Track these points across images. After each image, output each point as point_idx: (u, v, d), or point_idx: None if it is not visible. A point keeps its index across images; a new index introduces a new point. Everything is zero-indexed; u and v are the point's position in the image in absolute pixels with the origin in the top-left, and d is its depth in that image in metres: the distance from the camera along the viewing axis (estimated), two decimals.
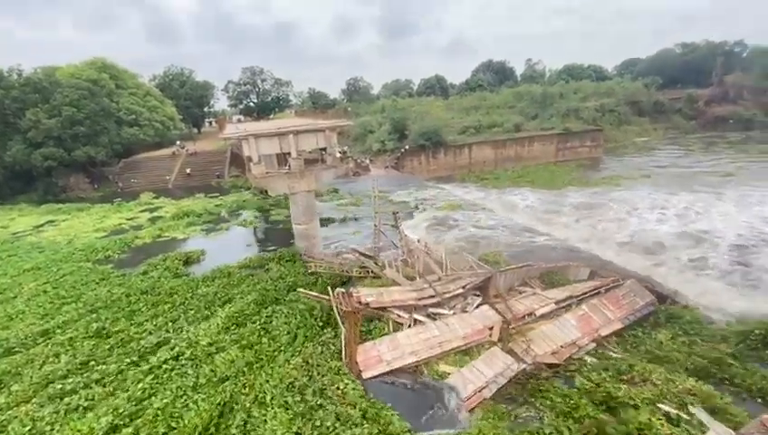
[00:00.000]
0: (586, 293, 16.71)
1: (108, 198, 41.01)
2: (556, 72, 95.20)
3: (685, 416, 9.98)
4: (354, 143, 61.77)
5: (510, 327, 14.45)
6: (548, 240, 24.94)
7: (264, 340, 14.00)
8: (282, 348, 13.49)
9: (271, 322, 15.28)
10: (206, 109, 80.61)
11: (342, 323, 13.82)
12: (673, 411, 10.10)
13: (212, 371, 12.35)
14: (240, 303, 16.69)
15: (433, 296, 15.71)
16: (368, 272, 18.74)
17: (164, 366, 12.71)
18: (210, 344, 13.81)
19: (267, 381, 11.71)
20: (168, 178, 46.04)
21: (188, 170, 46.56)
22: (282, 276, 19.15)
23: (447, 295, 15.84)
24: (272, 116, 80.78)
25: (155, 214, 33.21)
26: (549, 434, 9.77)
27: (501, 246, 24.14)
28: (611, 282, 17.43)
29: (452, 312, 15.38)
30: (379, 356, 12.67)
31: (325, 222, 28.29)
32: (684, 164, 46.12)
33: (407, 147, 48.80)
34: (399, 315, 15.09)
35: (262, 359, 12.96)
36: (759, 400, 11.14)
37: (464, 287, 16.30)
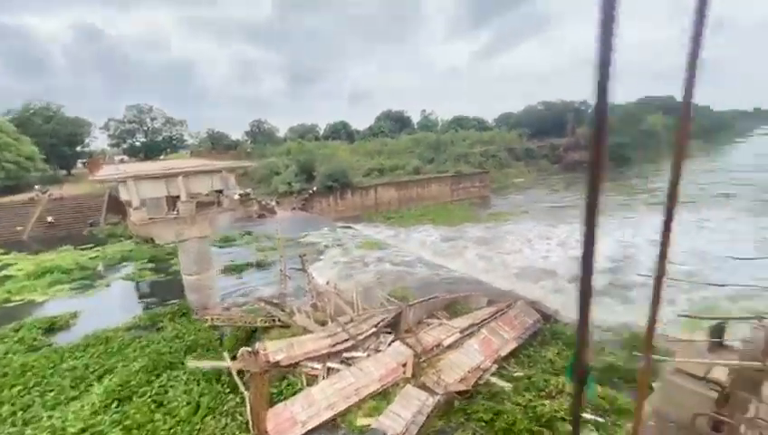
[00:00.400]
0: (486, 319, 17.79)
1: None
2: (447, 121, 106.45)
3: (602, 420, 11.04)
4: (259, 185, 59.54)
5: (421, 360, 14.62)
6: (451, 273, 26.43)
7: (158, 416, 11.72)
8: (179, 425, 11.42)
9: (166, 392, 12.99)
10: (79, 148, 70.50)
11: (247, 388, 12.33)
12: (595, 418, 11.08)
13: None
14: (123, 373, 13.99)
15: (347, 340, 15.25)
16: (274, 321, 17.40)
17: None
18: (83, 431, 11.15)
19: None
20: (19, 228, 38.11)
21: (50, 219, 39.29)
22: (178, 335, 16.77)
23: (361, 336, 15.54)
24: (162, 157, 74.09)
25: (2, 273, 26.93)
26: None
27: (409, 281, 24.87)
28: (506, 307, 18.97)
29: (366, 353, 15.00)
30: (292, 418, 11.52)
31: (235, 269, 26.19)
32: (554, 200, 54.18)
33: (314, 188, 48.66)
34: (313, 368, 14.19)
35: None
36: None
37: (376, 326, 16.22)
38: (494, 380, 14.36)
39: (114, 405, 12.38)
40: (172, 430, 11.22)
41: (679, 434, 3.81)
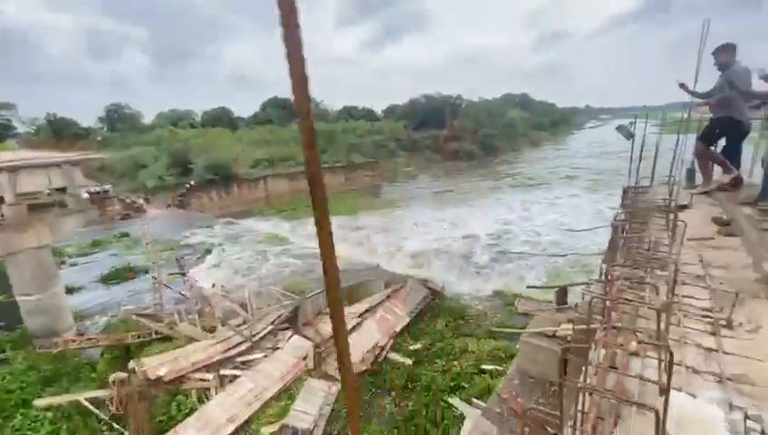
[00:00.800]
0: (382, 300, 18.69)
1: None
2: (337, 111, 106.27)
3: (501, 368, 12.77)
4: (120, 180, 51.00)
5: (321, 350, 14.65)
6: (351, 262, 26.67)
7: None
8: None
9: None
10: None
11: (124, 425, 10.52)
12: (495, 367, 13.07)
13: None
14: None
15: (241, 343, 14.39)
16: (150, 335, 15.41)
17: None
18: None
19: None
20: None
21: None
22: (32, 366, 13.72)
23: (257, 337, 14.85)
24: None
25: None
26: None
27: (306, 274, 24.34)
28: (399, 287, 20.07)
29: (263, 354, 14.28)
30: None
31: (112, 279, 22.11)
32: (438, 186, 58.74)
33: (192, 182, 43.67)
34: (202, 379, 12.87)
35: None
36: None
37: (272, 323, 15.75)
38: (394, 356, 15.30)
39: None
40: None
41: (537, 388, 4.43)
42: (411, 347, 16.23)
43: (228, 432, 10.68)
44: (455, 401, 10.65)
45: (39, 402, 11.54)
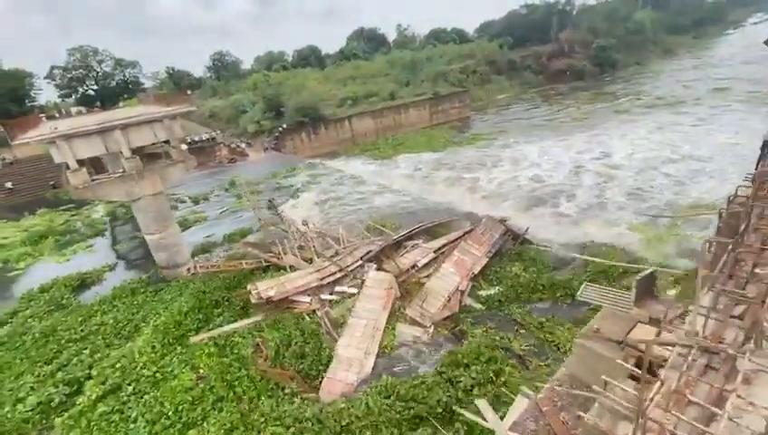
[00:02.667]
0: (459, 237, 18.58)
1: None
2: (425, 37, 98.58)
3: None
4: (227, 126, 56.27)
5: (400, 280, 15.79)
6: (437, 204, 26.08)
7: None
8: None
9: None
10: (28, 103, 64.74)
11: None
12: None
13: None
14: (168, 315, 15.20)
15: (334, 273, 16.05)
16: (261, 263, 18.11)
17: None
18: (156, 373, 12.65)
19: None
20: None
21: (9, 184, 37.26)
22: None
23: (350, 268, 16.42)
24: (121, 104, 68.76)
25: None
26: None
27: (390, 212, 24.77)
28: (474, 226, 19.16)
29: (352, 284, 15.90)
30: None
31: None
32: (537, 115, 52.15)
33: (284, 126, 45.99)
34: (303, 301, 15.18)
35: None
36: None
37: (362, 258, 17.02)
38: (470, 301, 15.21)
39: (169, 345, 13.64)
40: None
41: (591, 403, 3.50)
42: (484, 293, 15.64)
43: (371, 363, 12.28)
44: (480, 402, 9.08)
45: (194, 339, 14.03)
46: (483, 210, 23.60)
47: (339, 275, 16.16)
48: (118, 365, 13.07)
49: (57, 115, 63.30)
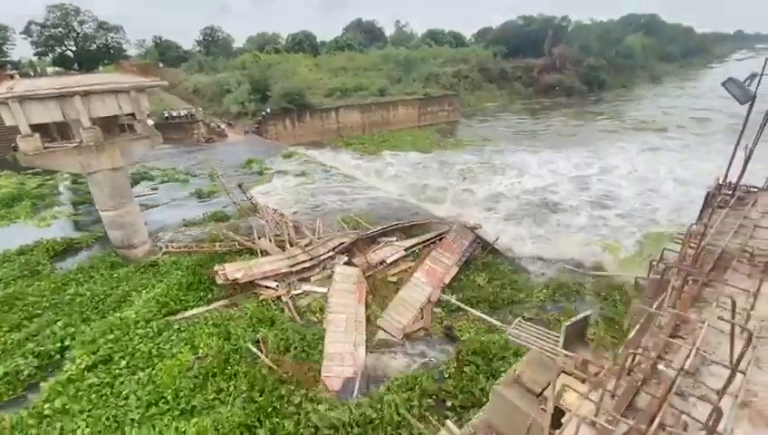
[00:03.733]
0: (430, 239, 18.78)
1: None
2: (421, 36, 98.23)
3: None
4: (210, 104, 54.49)
5: (367, 275, 16.06)
6: (409, 203, 25.82)
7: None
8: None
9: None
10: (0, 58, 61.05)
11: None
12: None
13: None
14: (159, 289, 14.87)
15: (305, 262, 16.07)
16: (234, 246, 18.04)
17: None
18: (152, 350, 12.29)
19: None
20: None
21: None
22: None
23: (321, 257, 16.40)
24: (101, 69, 65.74)
25: None
26: None
27: (368, 209, 24.39)
28: (444, 232, 19.14)
29: (319, 273, 16.07)
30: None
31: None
32: (521, 127, 52.72)
33: (268, 110, 44.80)
34: (268, 287, 15.27)
35: None
36: None
37: (333, 250, 17.03)
38: (437, 310, 15.20)
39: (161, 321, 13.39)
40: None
41: None
42: (444, 297, 15.58)
43: (362, 353, 12.66)
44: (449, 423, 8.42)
45: (173, 319, 13.63)
46: (445, 213, 23.72)
47: (309, 263, 16.15)
48: (111, 336, 12.56)
49: (32, 74, 60.06)
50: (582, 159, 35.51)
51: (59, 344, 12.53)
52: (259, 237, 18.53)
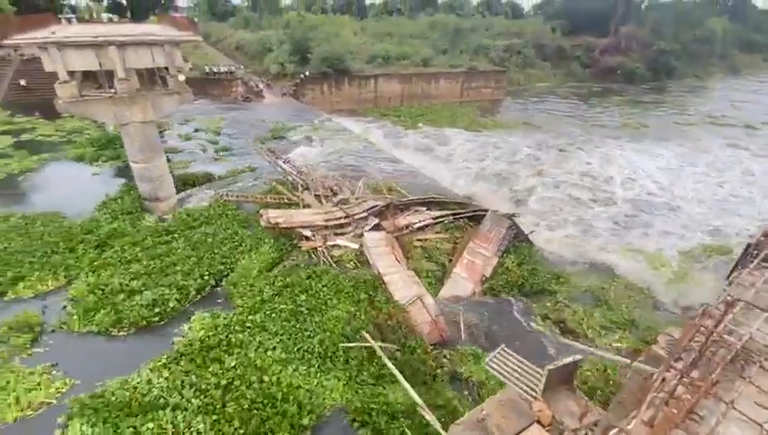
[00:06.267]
0: (460, 213, 18.68)
1: None
2: (476, 4, 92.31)
3: None
4: (251, 62, 54.38)
5: (394, 235, 16.50)
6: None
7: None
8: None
9: None
10: (59, 1, 63.12)
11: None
12: None
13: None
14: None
15: (339, 218, 16.71)
16: (282, 199, 19.30)
17: None
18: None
19: None
20: None
21: (23, 82, 36.83)
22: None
23: (356, 217, 16.96)
24: (151, 18, 66.81)
25: (29, 136, 26.81)
26: None
27: (397, 177, 24.01)
28: (477, 210, 18.92)
29: (353, 242, 16.14)
30: None
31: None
32: (572, 113, 49.05)
33: (307, 73, 44.07)
34: (305, 237, 15.91)
35: None
36: None
37: (367, 211, 17.39)
38: None
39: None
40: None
41: None
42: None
43: (432, 301, 12.60)
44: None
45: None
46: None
47: (344, 221, 16.83)
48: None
49: (87, 18, 62.01)
50: (677, 156, 32.66)
51: (198, 280, 13.02)
52: (302, 191, 19.66)
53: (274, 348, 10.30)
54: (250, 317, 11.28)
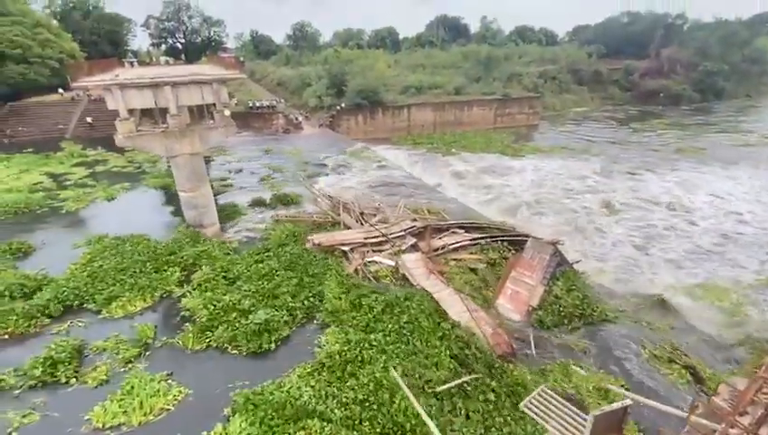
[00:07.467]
0: (497, 236, 18.43)
1: None
2: (509, 33, 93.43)
3: None
4: (292, 97, 57.42)
5: (429, 256, 16.62)
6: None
7: None
8: None
9: None
10: (123, 47, 70.58)
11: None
12: None
13: None
14: None
15: (378, 237, 17.49)
16: (326, 219, 20.47)
17: None
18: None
19: None
20: (63, 126, 40.09)
21: (89, 119, 40.75)
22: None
23: (393, 236, 17.77)
24: (203, 59, 72.83)
25: (102, 168, 29.52)
26: None
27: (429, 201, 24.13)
28: (517, 235, 18.45)
29: (390, 260, 16.52)
30: None
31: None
32: (612, 138, 47.38)
33: (342, 105, 45.83)
34: (344, 251, 16.82)
35: None
36: None
37: (404, 230, 18.12)
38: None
39: None
40: None
41: None
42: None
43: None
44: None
45: None
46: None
47: (381, 239, 17.52)
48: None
49: (148, 62, 68.63)
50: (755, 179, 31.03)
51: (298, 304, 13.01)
52: (342, 213, 20.66)
53: (395, 368, 10.14)
54: (372, 336, 11.21)
